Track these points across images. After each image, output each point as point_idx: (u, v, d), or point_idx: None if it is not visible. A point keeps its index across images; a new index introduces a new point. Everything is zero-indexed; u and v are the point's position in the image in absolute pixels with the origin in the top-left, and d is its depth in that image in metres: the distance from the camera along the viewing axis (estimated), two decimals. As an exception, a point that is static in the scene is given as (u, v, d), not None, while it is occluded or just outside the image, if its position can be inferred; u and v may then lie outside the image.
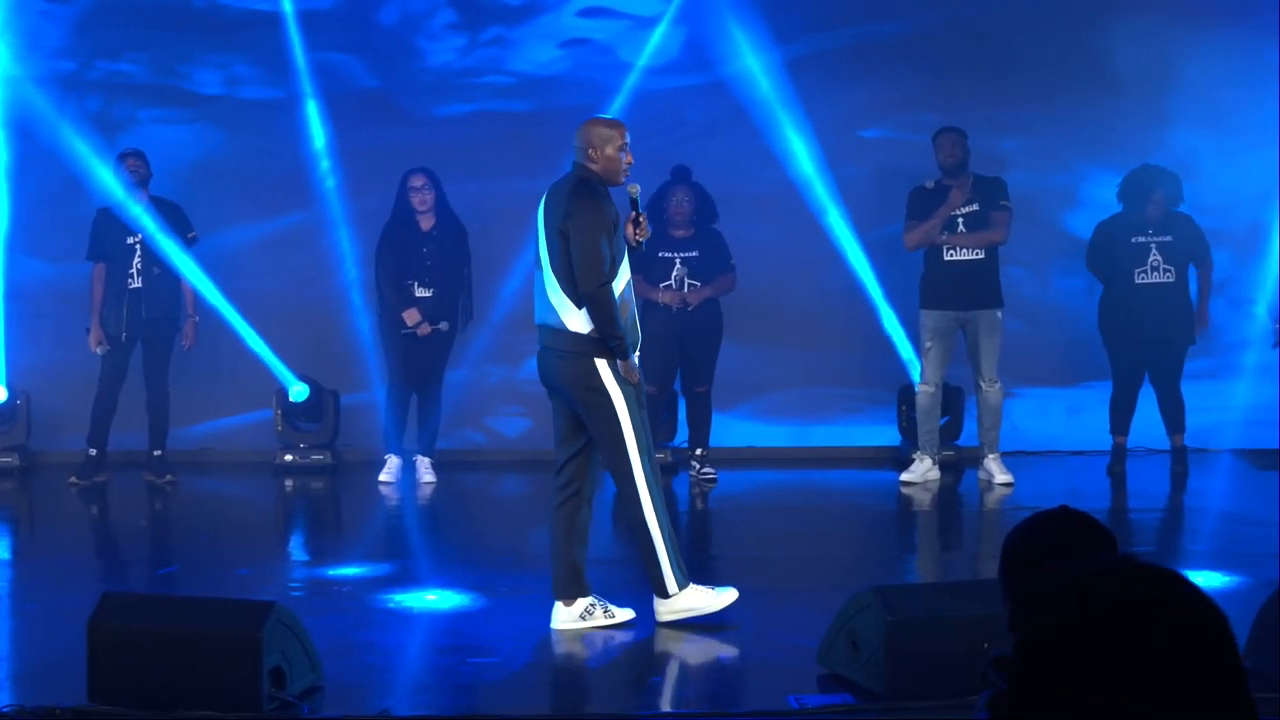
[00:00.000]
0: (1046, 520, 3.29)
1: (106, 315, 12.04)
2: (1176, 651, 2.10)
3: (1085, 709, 2.09)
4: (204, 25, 13.21)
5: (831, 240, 13.14)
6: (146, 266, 12.01)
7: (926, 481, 12.05)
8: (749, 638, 7.74)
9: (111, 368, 12.12)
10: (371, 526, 11.32)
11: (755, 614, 8.05)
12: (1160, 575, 2.19)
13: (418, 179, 12.14)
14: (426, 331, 12.11)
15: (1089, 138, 13.33)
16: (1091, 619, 2.14)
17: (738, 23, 13.00)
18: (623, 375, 7.67)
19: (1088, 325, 12.61)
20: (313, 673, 6.56)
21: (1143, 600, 2.15)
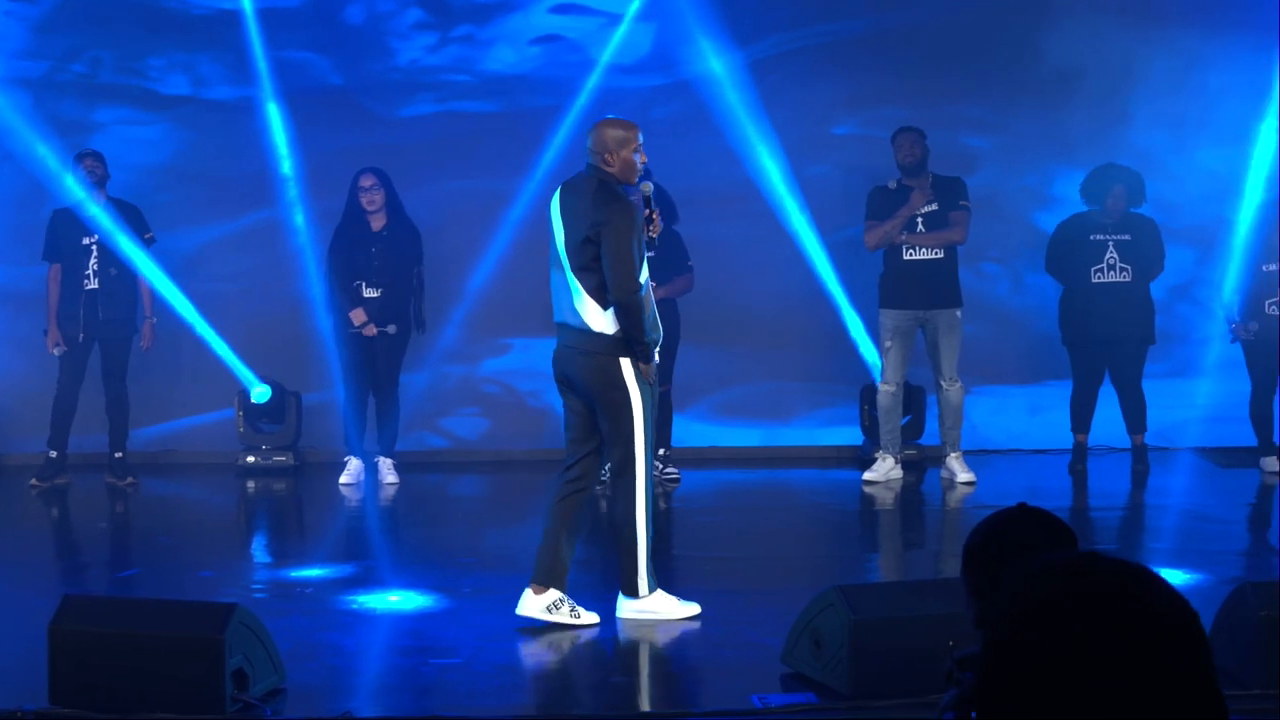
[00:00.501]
0: (1006, 518, 3.30)
1: (63, 316, 11.99)
2: (1142, 646, 2.09)
3: (1053, 704, 2.09)
4: (167, 25, 13.17)
5: (794, 240, 13.16)
6: (103, 267, 11.96)
7: (889, 480, 12.08)
8: (712, 637, 7.75)
9: (69, 369, 12.07)
10: (334, 528, 11.29)
11: (718, 614, 8.06)
12: (1125, 569, 2.19)
13: (367, 179, 12.11)
14: (373, 332, 12.07)
15: (1058, 136, 13.35)
16: (1055, 613, 2.13)
17: (702, 21, 13.00)
18: (643, 376, 7.76)
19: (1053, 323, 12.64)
20: (275, 674, 6.55)
21: (1108, 594, 2.14)
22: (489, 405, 13.41)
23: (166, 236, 12.68)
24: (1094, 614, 2.12)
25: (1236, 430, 12.86)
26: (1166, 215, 12.64)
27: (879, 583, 8.97)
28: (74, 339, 12.00)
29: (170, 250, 12.73)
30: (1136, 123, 13.32)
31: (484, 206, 13.11)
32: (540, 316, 13.03)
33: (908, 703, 6.26)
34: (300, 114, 13.09)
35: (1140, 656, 2.09)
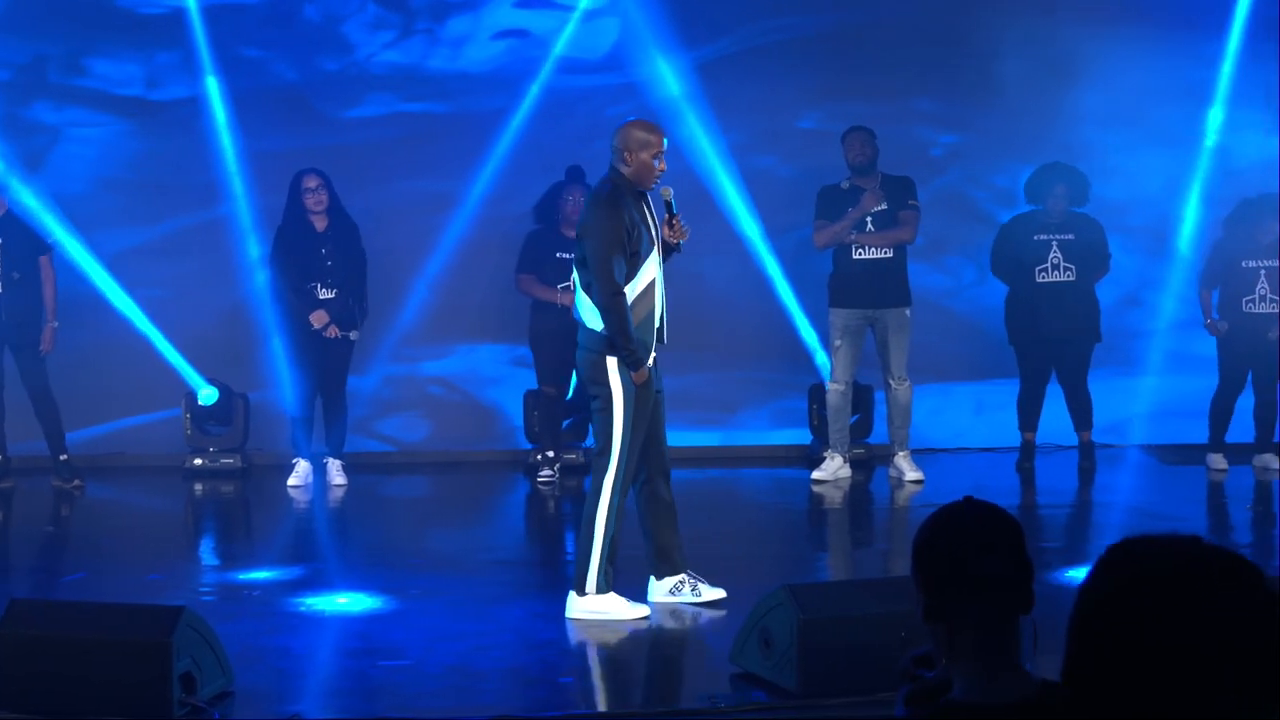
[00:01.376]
0: (952, 511, 3.33)
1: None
2: (1231, 627, 2.14)
3: (1139, 672, 2.13)
4: (111, 23, 13.07)
5: (743, 239, 13.17)
6: (6, 271, 11.85)
7: (837, 479, 12.10)
8: (662, 637, 7.76)
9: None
10: (282, 530, 11.27)
11: (668, 613, 8.08)
12: (1225, 556, 2.24)
13: (311, 179, 12.05)
14: (335, 334, 12.04)
15: (1012, 133, 13.36)
16: (1151, 585, 2.21)
17: (652, 21, 13.01)
18: (631, 379, 7.93)
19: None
20: (223, 677, 6.53)
21: (1202, 575, 2.18)
22: (437, 407, 13.37)
23: (111, 237, 12.63)
24: (1184, 588, 2.16)
25: (1182, 427, 12.94)
26: (1116, 214, 12.70)
27: (828, 581, 8.99)
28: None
29: (116, 250, 12.67)
30: (1086, 121, 13.35)
31: (431, 207, 13.08)
32: (489, 318, 13.10)
33: (856, 701, 6.29)
34: (247, 113, 13.02)
35: (1224, 633, 2.14)
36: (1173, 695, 2.14)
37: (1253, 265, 12.16)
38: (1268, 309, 12.12)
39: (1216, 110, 13.34)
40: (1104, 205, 12.59)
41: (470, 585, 8.64)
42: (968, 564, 3.22)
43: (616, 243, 7.81)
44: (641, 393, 7.95)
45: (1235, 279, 12.21)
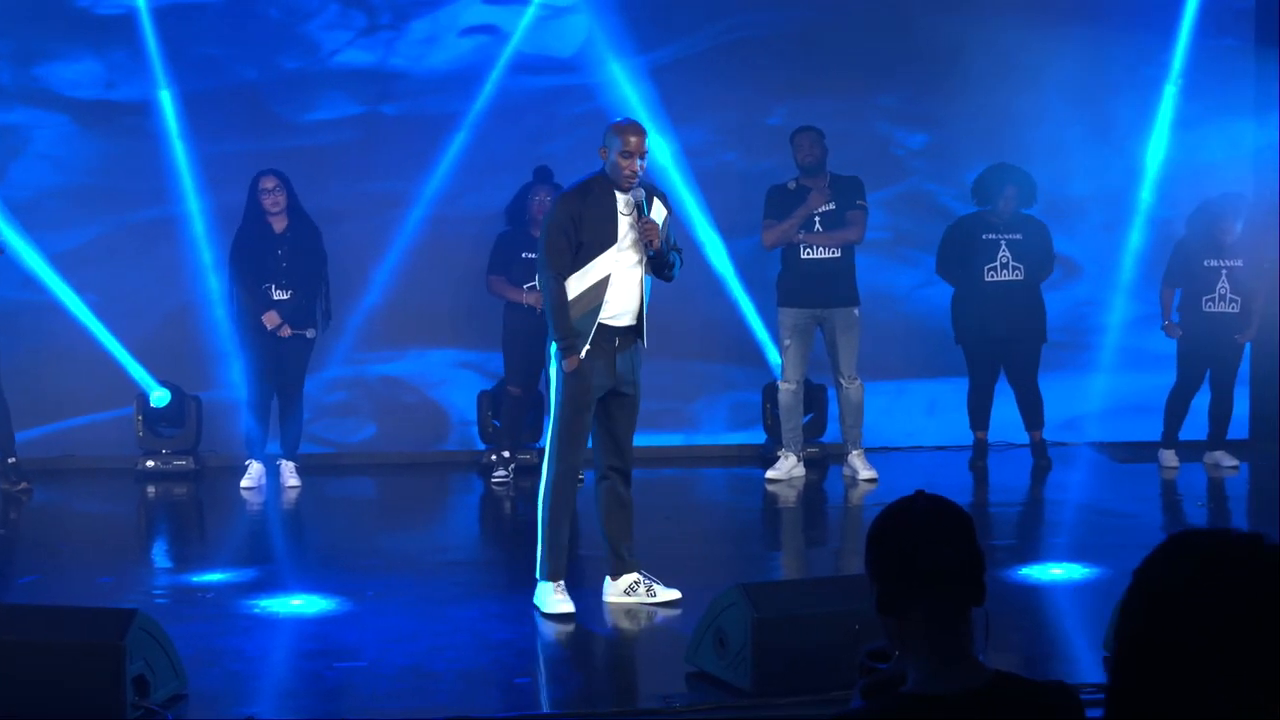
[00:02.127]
0: (905, 505, 3.35)
1: None
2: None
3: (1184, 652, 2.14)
4: (63, 22, 13.01)
5: (693, 238, 13.18)
6: None
7: (791, 478, 12.13)
8: (617, 637, 7.77)
9: None
10: (235, 532, 11.22)
11: (623, 613, 8.09)
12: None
13: (269, 180, 12.02)
14: (288, 334, 12.00)
15: (981, 131, 13.38)
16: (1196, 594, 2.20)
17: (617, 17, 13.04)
18: (563, 367, 8.09)
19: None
20: (176, 680, 6.51)
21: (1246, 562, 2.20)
22: (391, 407, 13.35)
23: (61, 238, 12.58)
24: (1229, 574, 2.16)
25: (1135, 424, 13.01)
26: (1070, 211, 12.76)
27: (781, 580, 9.00)
28: None
29: (64, 252, 12.62)
30: (1041, 118, 13.38)
31: (386, 208, 13.07)
32: (442, 318, 13.09)
33: (811, 699, 6.30)
34: (204, 113, 12.98)
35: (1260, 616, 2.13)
36: (1228, 694, 2.14)
37: (1214, 265, 12.22)
38: (1228, 308, 12.19)
39: (1166, 107, 13.41)
40: (1058, 203, 12.64)
41: (425, 586, 8.63)
42: (919, 557, 3.25)
43: (554, 227, 8.03)
44: (572, 381, 8.05)
45: (1196, 278, 12.26)
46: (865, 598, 3.41)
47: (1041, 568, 8.96)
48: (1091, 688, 6.60)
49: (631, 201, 8.13)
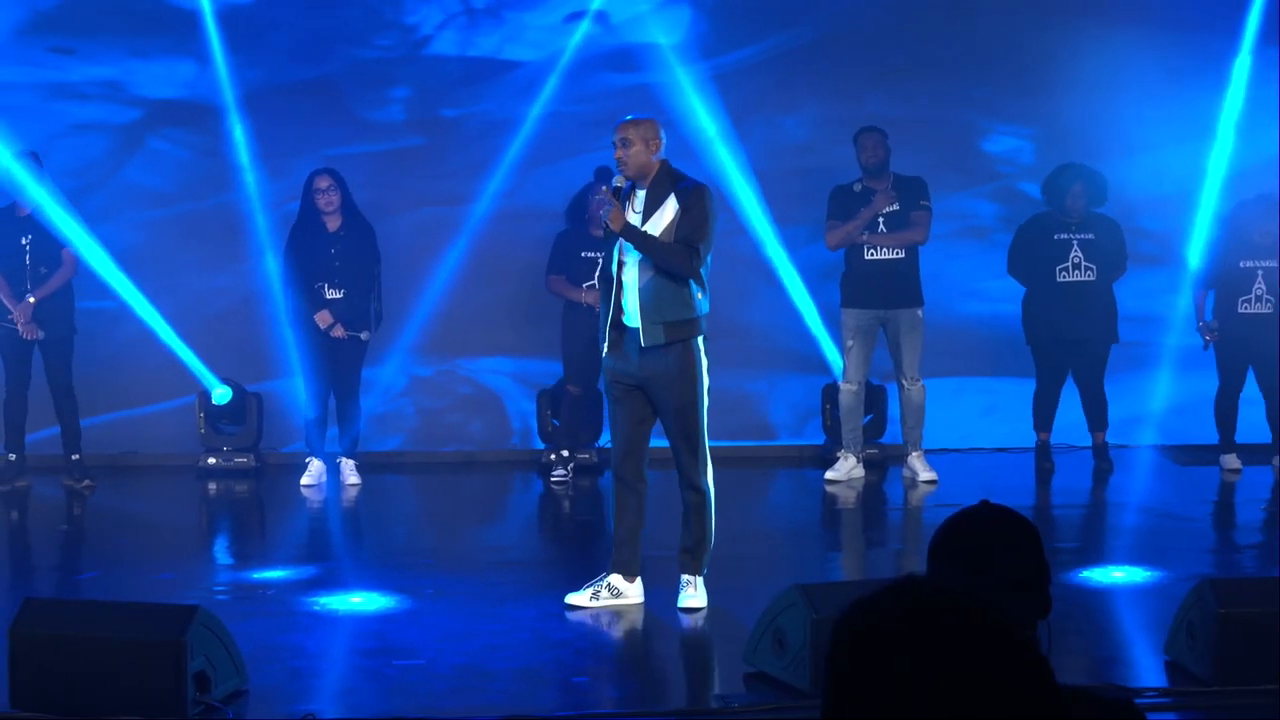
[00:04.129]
0: (969, 516, 3.33)
1: (3, 316, 11.90)
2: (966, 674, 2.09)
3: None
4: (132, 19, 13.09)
5: (755, 239, 13.16)
6: (34, 267, 11.87)
7: (850, 479, 12.10)
8: (674, 637, 7.76)
9: (14, 370, 12.00)
10: (295, 529, 11.28)
11: (680, 613, 8.08)
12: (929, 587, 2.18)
13: (323, 180, 12.05)
14: (341, 334, 12.02)
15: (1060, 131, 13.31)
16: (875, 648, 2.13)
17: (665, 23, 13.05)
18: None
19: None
20: (237, 676, 6.54)
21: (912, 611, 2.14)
22: (452, 406, 13.37)
23: (124, 233, 12.66)
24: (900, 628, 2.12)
25: (1194, 428, 12.92)
26: (1132, 213, 12.68)
27: (840, 581, 8.97)
28: (14, 339, 11.92)
29: (133, 249, 12.69)
30: (1103, 121, 13.30)
31: (445, 206, 13.09)
32: (505, 317, 13.10)
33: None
34: (267, 109, 13.05)
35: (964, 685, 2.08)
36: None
37: (1250, 265, 12.14)
38: (1264, 309, 12.10)
39: (1230, 111, 13.32)
40: (1121, 206, 12.55)
41: (484, 585, 8.64)
42: (987, 568, 3.22)
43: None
44: (606, 378, 8.28)
45: (1232, 279, 12.18)
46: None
47: (1103, 571, 8.91)
48: (1153, 691, 6.58)
49: (623, 192, 8.14)
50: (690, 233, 7.97)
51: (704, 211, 8.03)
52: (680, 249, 7.96)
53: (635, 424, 8.24)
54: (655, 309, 7.98)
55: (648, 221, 8.03)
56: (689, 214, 8.01)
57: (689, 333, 8.07)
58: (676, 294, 8.01)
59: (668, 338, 8.00)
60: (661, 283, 7.99)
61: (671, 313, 8.00)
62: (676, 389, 8.09)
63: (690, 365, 8.08)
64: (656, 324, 7.98)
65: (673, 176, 8.14)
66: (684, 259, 7.95)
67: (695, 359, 8.10)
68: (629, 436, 8.27)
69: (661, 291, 7.98)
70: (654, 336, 7.99)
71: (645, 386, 8.12)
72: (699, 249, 7.98)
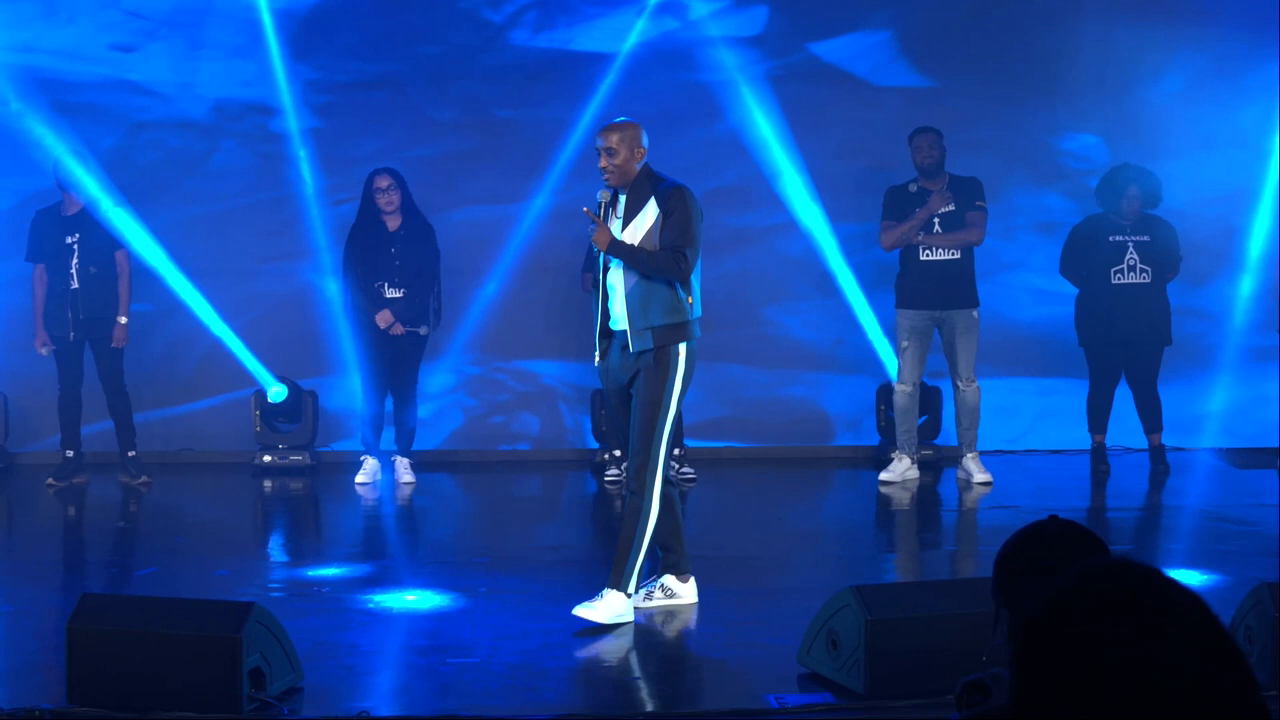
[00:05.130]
0: (1037, 530, 3.31)
1: (50, 316, 11.99)
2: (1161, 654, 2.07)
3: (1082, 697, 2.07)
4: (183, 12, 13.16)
5: (809, 239, 13.15)
6: (84, 266, 11.95)
7: (905, 481, 12.07)
8: (728, 637, 7.75)
9: (66, 369, 12.09)
10: (351, 527, 11.31)
11: (734, 613, 8.08)
12: (1141, 576, 2.17)
13: (383, 179, 12.08)
14: (401, 331, 12.04)
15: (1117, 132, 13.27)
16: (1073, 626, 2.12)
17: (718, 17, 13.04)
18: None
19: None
20: (292, 673, 6.56)
21: (1124, 604, 2.13)
22: (505, 405, 13.40)
23: (186, 234, 12.72)
24: (1111, 624, 2.10)
25: (1250, 431, 12.84)
26: (1188, 213, 12.61)
27: (895, 583, 8.97)
28: (63, 338, 12.01)
29: (188, 246, 12.76)
30: (1154, 125, 13.25)
31: (503, 205, 13.12)
32: (558, 318, 13.11)
33: (924, 703, 6.27)
34: (325, 108, 13.12)
35: (1160, 664, 2.07)
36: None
37: None
38: None
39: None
40: (1177, 205, 12.48)
41: (538, 584, 8.65)
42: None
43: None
44: (604, 387, 8.25)
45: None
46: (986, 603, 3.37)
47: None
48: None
49: (606, 206, 8.06)
50: (675, 237, 7.83)
51: (686, 214, 7.87)
52: (668, 256, 7.81)
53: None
54: (642, 314, 7.87)
55: (629, 225, 7.93)
56: (671, 218, 7.86)
57: (677, 337, 7.91)
58: (663, 298, 7.87)
59: (656, 342, 7.87)
60: (648, 287, 7.86)
61: (659, 317, 7.87)
62: (647, 385, 7.91)
63: (665, 365, 7.89)
64: (645, 329, 7.87)
65: (653, 179, 8.00)
66: (673, 266, 7.80)
67: (671, 361, 7.90)
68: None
69: (648, 296, 7.87)
70: (642, 341, 7.88)
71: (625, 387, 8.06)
72: (686, 253, 7.82)
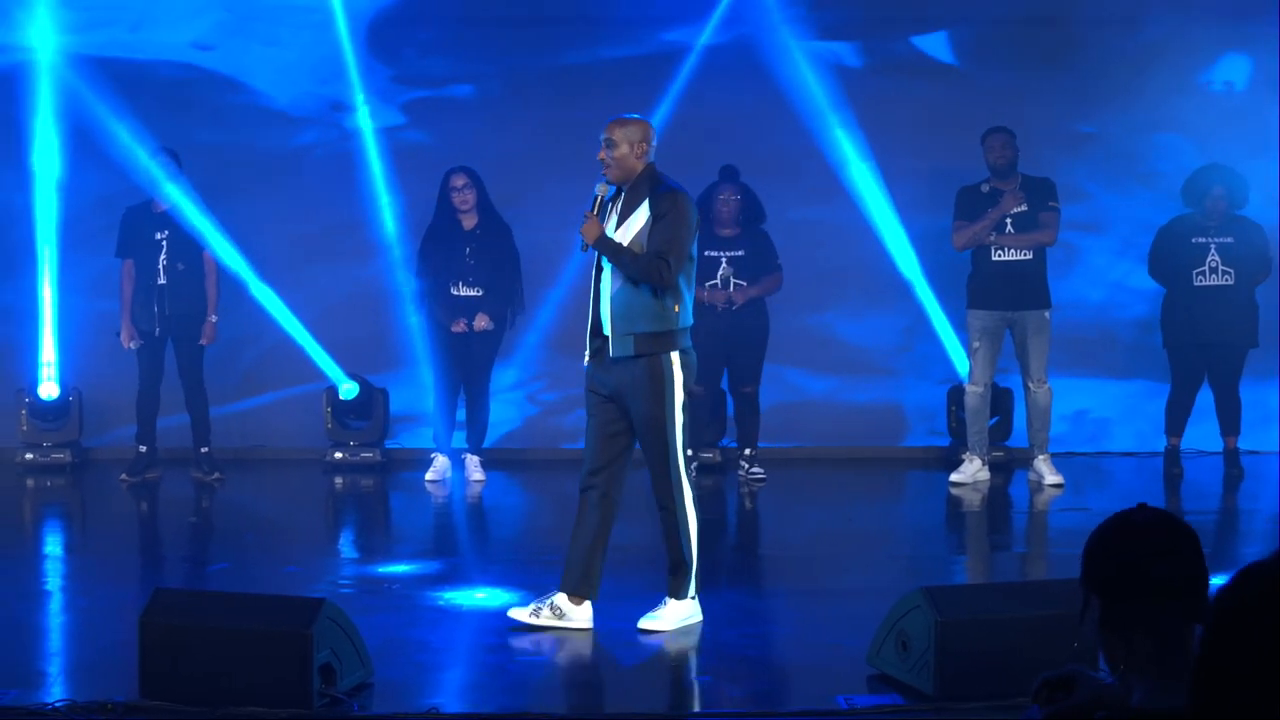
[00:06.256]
0: (1130, 517, 3.29)
1: (137, 311, 12.08)
2: None
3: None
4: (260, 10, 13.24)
5: (879, 238, 13.10)
6: (172, 263, 12.03)
7: (976, 482, 12.01)
8: (797, 637, 7.74)
9: (148, 364, 12.18)
10: (420, 524, 11.35)
11: (804, 614, 8.07)
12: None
13: (459, 178, 12.10)
14: (482, 324, 12.02)
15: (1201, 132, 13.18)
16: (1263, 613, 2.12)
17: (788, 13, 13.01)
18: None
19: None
20: (362, 669, 6.58)
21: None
22: (577, 403, 13.40)
23: (258, 230, 12.79)
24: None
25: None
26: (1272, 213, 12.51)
27: (965, 584, 8.94)
28: (149, 334, 12.10)
29: (260, 244, 12.82)
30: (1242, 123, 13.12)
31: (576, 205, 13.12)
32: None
33: (994, 705, 6.24)
34: (399, 106, 13.17)
35: None
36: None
37: None
38: None
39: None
40: (1270, 206, 12.37)
41: (607, 582, 8.60)
42: (1150, 568, 3.18)
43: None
44: (585, 386, 7.99)
45: None
46: (1057, 605, 3.36)
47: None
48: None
49: (605, 200, 7.93)
50: (661, 243, 7.61)
51: (676, 219, 7.66)
52: (649, 260, 7.61)
53: (606, 438, 7.86)
54: (626, 319, 7.69)
55: (621, 226, 7.77)
56: (660, 222, 7.65)
57: (661, 346, 7.69)
58: (648, 305, 7.67)
59: (637, 350, 7.67)
60: (632, 292, 7.68)
61: (643, 324, 7.68)
62: (644, 403, 7.71)
63: (659, 379, 7.68)
64: (626, 335, 7.69)
65: (653, 181, 7.79)
66: (654, 271, 7.59)
67: (665, 373, 7.69)
68: (597, 451, 7.89)
69: (632, 301, 7.68)
70: (623, 348, 7.70)
71: (616, 398, 7.80)
72: (669, 260, 7.58)
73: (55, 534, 11.51)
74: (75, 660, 7.52)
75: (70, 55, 12.96)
